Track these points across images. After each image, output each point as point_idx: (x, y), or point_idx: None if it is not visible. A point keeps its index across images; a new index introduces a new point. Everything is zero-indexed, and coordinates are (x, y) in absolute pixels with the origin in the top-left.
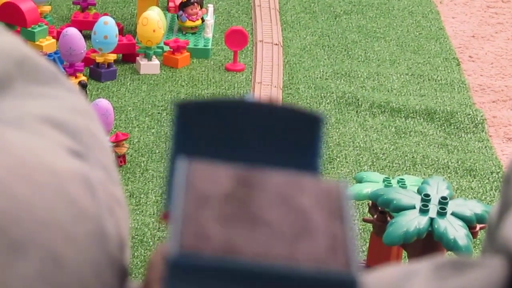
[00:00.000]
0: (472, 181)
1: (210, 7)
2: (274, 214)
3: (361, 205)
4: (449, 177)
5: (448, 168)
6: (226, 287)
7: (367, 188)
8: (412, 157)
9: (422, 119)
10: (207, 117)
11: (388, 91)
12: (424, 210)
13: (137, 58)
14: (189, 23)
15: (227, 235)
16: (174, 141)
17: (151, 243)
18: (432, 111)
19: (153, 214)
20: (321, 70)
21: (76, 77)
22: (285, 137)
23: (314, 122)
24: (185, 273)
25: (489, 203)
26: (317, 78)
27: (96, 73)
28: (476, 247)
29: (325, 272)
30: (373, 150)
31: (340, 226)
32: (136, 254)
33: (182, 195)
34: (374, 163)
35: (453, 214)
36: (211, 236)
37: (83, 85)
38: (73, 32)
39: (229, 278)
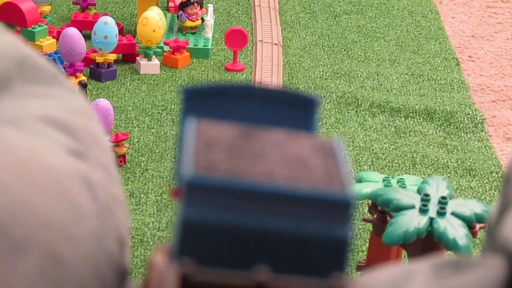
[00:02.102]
0: (472, 180)
1: (210, 7)
2: (275, 156)
3: (360, 205)
4: (448, 176)
5: (448, 167)
6: (234, 204)
7: (366, 188)
8: (412, 157)
9: (421, 119)
10: (211, 99)
11: (388, 91)
12: (423, 210)
13: (137, 58)
14: (189, 23)
15: (234, 163)
16: (182, 124)
17: (151, 243)
18: (432, 111)
19: (153, 214)
20: (321, 70)
21: (76, 77)
22: (283, 117)
23: (310, 103)
24: (198, 191)
25: (489, 202)
26: (316, 78)
27: (96, 73)
28: (476, 247)
29: (323, 192)
30: (373, 149)
31: (335, 164)
32: (136, 254)
33: (192, 140)
34: (374, 163)
35: (452, 213)
36: (220, 163)
37: (83, 85)
38: (73, 32)
39: (236, 196)
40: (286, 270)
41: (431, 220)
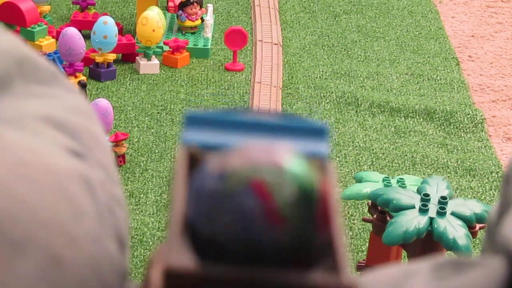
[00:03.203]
0: (472, 180)
1: (210, 7)
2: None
3: (361, 205)
4: (448, 176)
5: (448, 167)
6: (225, 132)
7: (366, 188)
8: (412, 157)
9: (421, 119)
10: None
11: (388, 91)
12: (423, 210)
13: (137, 57)
14: (188, 23)
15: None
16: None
17: (151, 243)
18: (432, 110)
19: (153, 214)
20: (321, 70)
21: (75, 77)
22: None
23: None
24: (196, 122)
25: (489, 202)
26: (316, 77)
27: (95, 72)
28: (476, 247)
29: (303, 121)
30: (373, 149)
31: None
32: (136, 254)
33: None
34: (374, 163)
35: (452, 213)
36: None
37: (82, 85)
38: (72, 32)
39: (226, 126)
40: None
41: (431, 220)
